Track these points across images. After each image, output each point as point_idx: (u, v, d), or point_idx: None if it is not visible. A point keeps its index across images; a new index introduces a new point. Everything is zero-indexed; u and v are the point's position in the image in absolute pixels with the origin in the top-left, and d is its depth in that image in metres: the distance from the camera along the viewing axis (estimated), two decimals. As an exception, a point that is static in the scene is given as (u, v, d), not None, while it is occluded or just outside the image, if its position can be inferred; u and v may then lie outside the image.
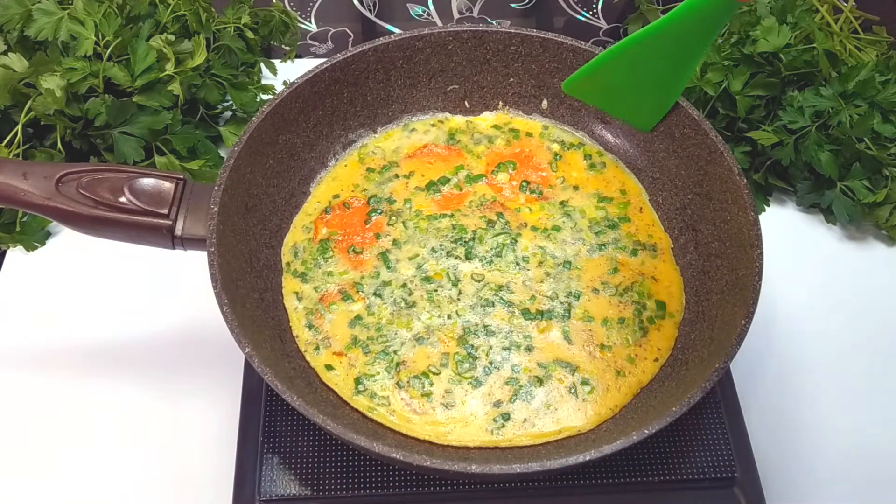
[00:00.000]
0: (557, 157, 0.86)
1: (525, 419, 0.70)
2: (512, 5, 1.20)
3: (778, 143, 0.90)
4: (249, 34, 1.02)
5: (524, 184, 0.84)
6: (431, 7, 1.19)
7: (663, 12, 1.16)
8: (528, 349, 0.74)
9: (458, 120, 0.88)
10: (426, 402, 0.71)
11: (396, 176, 0.84)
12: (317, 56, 1.12)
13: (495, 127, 0.88)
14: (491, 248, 0.79)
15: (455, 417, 0.70)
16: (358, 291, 0.77)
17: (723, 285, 0.74)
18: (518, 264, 0.79)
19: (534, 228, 0.81)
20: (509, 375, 0.72)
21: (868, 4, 1.07)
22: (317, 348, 0.74)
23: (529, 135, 0.88)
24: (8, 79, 0.86)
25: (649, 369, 0.73)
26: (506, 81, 0.88)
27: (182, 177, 0.71)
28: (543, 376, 0.72)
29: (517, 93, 0.88)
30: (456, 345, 0.74)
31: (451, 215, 0.82)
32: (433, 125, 0.88)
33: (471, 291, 0.77)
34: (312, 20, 1.17)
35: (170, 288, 0.86)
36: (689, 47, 0.73)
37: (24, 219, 0.89)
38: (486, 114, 0.89)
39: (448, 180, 0.84)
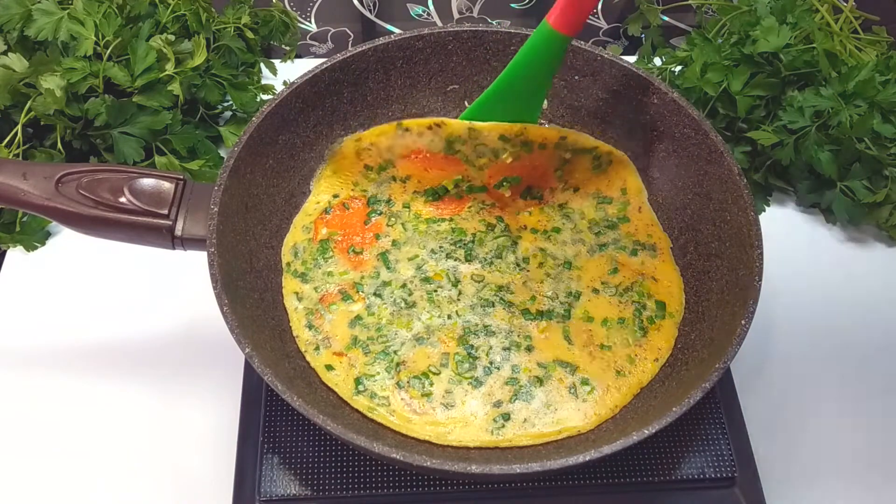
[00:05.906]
0: (565, 162, 0.82)
1: (525, 419, 0.70)
2: (512, 5, 1.20)
3: (778, 143, 0.90)
4: (249, 34, 1.02)
5: (525, 190, 0.83)
6: (431, 7, 1.19)
7: (663, 12, 1.16)
8: (529, 349, 0.74)
9: (457, 125, 0.78)
10: (426, 403, 0.71)
11: (394, 178, 0.83)
12: (317, 56, 1.12)
13: (503, 139, 0.78)
14: (491, 251, 0.79)
15: (455, 417, 0.70)
16: (358, 291, 0.76)
17: (723, 285, 0.74)
18: (518, 265, 0.79)
19: (534, 231, 0.81)
20: (509, 375, 0.72)
21: (868, 4, 1.07)
22: (317, 348, 0.74)
23: (543, 146, 0.79)
24: (8, 79, 0.86)
25: (649, 369, 0.73)
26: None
27: (182, 177, 0.71)
28: (543, 376, 0.72)
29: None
30: (456, 345, 0.74)
31: (451, 219, 0.81)
32: (429, 128, 0.79)
33: (471, 292, 0.77)
34: (312, 20, 1.17)
35: (170, 288, 0.86)
36: (534, 86, 0.76)
37: (24, 219, 0.89)
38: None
39: (447, 190, 0.82)
